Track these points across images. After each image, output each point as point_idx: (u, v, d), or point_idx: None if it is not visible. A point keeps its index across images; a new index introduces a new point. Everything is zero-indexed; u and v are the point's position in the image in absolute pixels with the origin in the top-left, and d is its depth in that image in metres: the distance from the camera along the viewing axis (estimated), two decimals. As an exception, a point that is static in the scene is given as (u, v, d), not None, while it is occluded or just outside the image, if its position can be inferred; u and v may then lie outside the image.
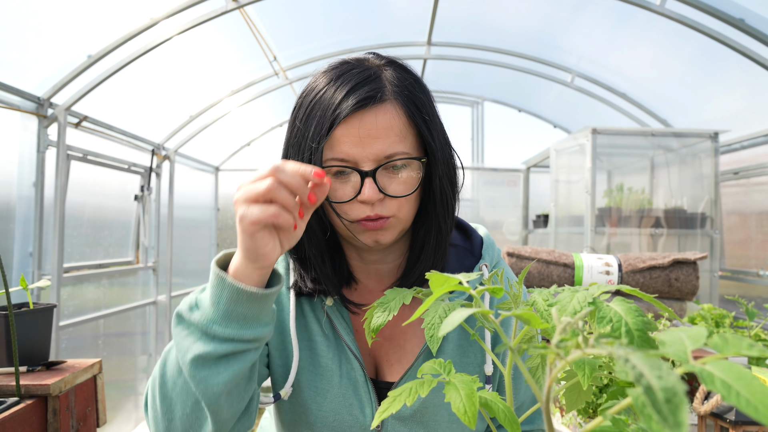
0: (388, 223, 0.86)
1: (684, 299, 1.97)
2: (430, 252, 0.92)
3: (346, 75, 0.86)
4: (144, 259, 3.83)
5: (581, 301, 0.48)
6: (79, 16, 2.56)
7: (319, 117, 0.84)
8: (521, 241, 5.38)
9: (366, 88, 0.84)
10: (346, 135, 0.82)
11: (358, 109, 0.82)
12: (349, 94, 0.83)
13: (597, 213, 3.17)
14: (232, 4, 2.85)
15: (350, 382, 0.92)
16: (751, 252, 3.28)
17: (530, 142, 5.29)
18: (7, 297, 1.11)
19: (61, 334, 2.85)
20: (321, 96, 0.85)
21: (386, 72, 0.88)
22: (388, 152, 0.83)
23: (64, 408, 1.17)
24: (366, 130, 0.82)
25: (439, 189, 0.89)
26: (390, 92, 0.85)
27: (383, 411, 0.55)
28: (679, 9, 2.74)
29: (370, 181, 0.82)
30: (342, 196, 0.84)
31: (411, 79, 0.88)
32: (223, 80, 3.97)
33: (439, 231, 0.92)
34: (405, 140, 0.84)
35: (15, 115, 2.55)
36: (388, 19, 3.86)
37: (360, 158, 0.82)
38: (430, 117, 0.87)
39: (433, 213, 0.90)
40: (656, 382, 0.29)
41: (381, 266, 0.98)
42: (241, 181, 0.75)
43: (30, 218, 2.64)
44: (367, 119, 0.82)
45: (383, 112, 0.83)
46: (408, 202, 0.86)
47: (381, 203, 0.84)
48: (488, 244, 1.01)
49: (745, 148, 3.33)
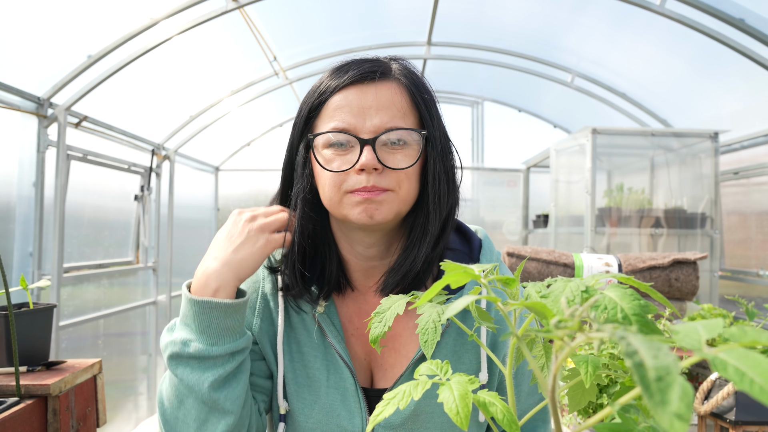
0: (384, 196, 0.83)
1: (684, 299, 1.97)
2: (416, 239, 0.88)
3: (353, 61, 0.89)
4: (144, 259, 3.83)
5: (574, 289, 0.47)
6: (79, 16, 2.56)
7: (320, 90, 0.87)
8: (521, 241, 5.38)
9: (370, 64, 0.86)
10: (346, 105, 0.83)
11: (360, 81, 0.84)
12: (350, 70, 0.86)
13: (597, 213, 3.17)
14: (232, 4, 2.85)
15: (338, 392, 0.90)
16: (751, 252, 3.28)
17: (530, 142, 5.29)
18: (7, 297, 1.11)
19: (61, 334, 2.85)
20: (324, 79, 0.89)
21: (392, 63, 0.91)
22: (388, 125, 0.83)
23: (64, 408, 1.17)
24: (368, 102, 0.83)
25: (433, 172, 0.88)
26: (394, 73, 0.87)
27: (377, 415, 0.54)
28: (679, 9, 2.74)
29: (369, 149, 0.82)
30: (340, 166, 0.84)
31: (416, 72, 0.91)
32: (223, 80, 3.97)
33: (427, 216, 0.88)
34: (406, 118, 0.85)
35: (15, 115, 2.55)
36: (389, 19, 3.86)
37: (360, 128, 0.83)
38: (430, 104, 0.89)
39: (426, 197, 0.88)
40: (650, 361, 0.28)
41: (377, 263, 0.95)
42: (241, 180, 0.77)
43: (30, 218, 2.64)
44: (368, 91, 0.84)
45: (386, 88, 0.85)
46: (408, 178, 0.85)
47: (379, 175, 0.83)
48: (487, 248, 0.98)
49: (745, 148, 3.33)
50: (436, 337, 0.60)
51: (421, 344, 0.61)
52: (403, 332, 0.95)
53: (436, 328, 0.60)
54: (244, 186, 5.41)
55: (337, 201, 0.85)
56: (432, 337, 0.60)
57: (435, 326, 0.60)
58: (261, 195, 5.40)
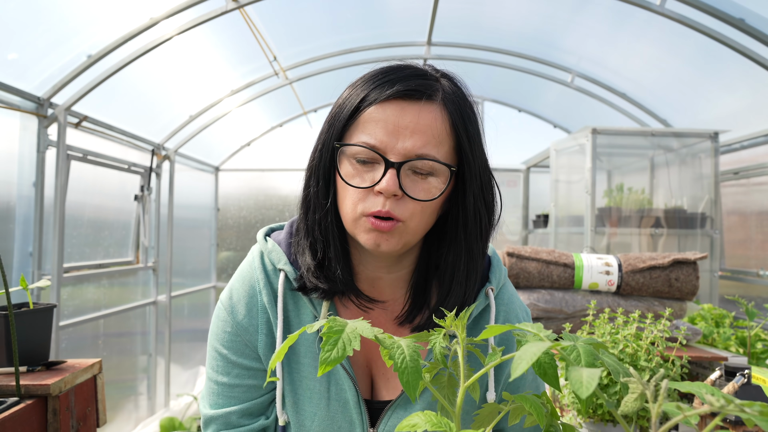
0: (396, 228, 0.80)
1: (684, 299, 1.97)
2: (461, 280, 0.85)
3: (402, 69, 0.83)
4: (144, 259, 3.83)
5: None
6: (79, 16, 2.56)
7: (361, 93, 0.81)
8: (521, 241, 5.37)
9: (418, 82, 0.80)
10: (383, 119, 0.79)
11: (404, 97, 0.79)
12: (398, 81, 0.80)
13: (597, 213, 3.17)
14: (232, 4, 2.85)
15: (340, 404, 0.88)
16: (751, 252, 3.28)
17: (530, 142, 5.29)
18: (7, 297, 1.11)
19: (61, 334, 2.85)
20: (370, 79, 0.82)
21: (443, 81, 0.85)
22: (420, 152, 0.79)
23: (64, 408, 1.17)
24: (405, 122, 0.78)
25: (473, 208, 0.84)
26: (441, 96, 0.81)
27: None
28: (678, 9, 2.74)
29: (392, 173, 0.78)
30: (360, 183, 0.80)
31: (463, 94, 0.86)
32: (223, 80, 3.97)
33: (470, 255, 0.85)
34: (440, 146, 0.80)
35: (15, 115, 2.55)
36: (388, 19, 3.86)
37: (390, 148, 0.78)
38: (473, 135, 0.84)
39: (464, 235, 0.84)
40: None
41: (385, 275, 0.92)
42: (241, 180, 0.74)
43: (30, 218, 2.64)
44: (409, 110, 0.79)
45: (428, 111, 0.80)
46: (422, 212, 0.81)
47: (396, 202, 0.79)
48: (495, 266, 0.96)
49: (745, 148, 3.33)
50: (418, 377, 0.55)
51: (402, 384, 0.56)
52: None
53: (416, 369, 0.55)
54: (244, 186, 5.41)
55: (352, 220, 0.83)
56: (413, 377, 0.55)
57: (414, 366, 0.55)
58: (261, 195, 5.40)
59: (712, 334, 2.01)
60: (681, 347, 1.54)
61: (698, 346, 1.93)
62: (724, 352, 1.84)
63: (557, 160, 3.82)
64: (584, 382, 0.43)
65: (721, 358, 1.72)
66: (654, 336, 1.46)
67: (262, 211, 5.40)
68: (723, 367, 1.29)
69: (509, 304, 0.96)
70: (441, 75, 0.86)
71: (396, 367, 0.55)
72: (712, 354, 1.75)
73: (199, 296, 5.04)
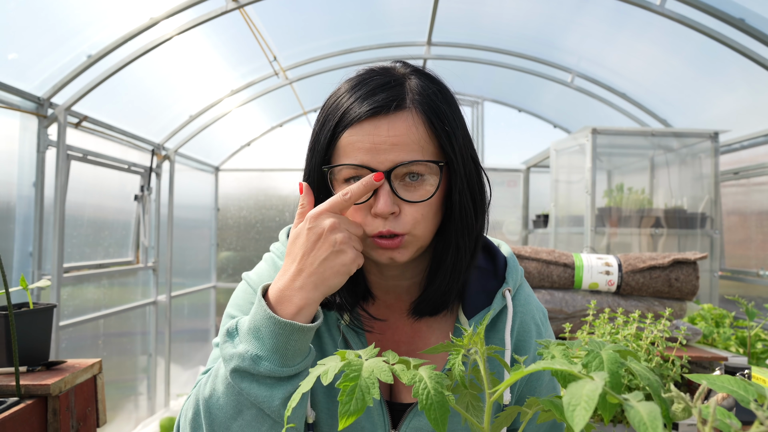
0: (404, 241, 0.81)
1: (684, 299, 1.97)
2: (446, 271, 0.87)
3: (368, 81, 0.83)
4: (144, 259, 3.83)
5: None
6: (78, 16, 2.56)
7: (333, 121, 0.82)
8: (521, 241, 5.37)
9: (384, 95, 0.80)
10: (359, 141, 0.79)
11: (373, 116, 0.79)
12: (364, 99, 0.80)
13: (597, 213, 3.17)
14: (232, 4, 2.85)
15: None
16: (751, 252, 3.28)
17: (530, 142, 5.29)
18: (7, 297, 1.11)
19: (61, 334, 2.85)
20: (339, 101, 0.83)
21: (410, 80, 0.84)
22: (402, 160, 0.78)
23: (64, 408, 1.17)
24: (381, 138, 0.78)
25: (458, 204, 0.84)
26: (410, 101, 0.81)
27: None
28: (678, 9, 2.74)
29: (385, 189, 0.78)
30: (355, 209, 0.81)
31: (435, 89, 0.85)
32: (223, 80, 3.97)
33: (457, 249, 0.86)
34: (424, 150, 0.80)
35: (15, 115, 2.55)
36: (388, 19, 3.86)
37: (375, 165, 0.78)
38: (452, 129, 0.83)
39: (452, 230, 0.85)
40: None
41: (400, 282, 0.93)
42: (241, 180, 0.74)
43: (30, 218, 2.64)
44: (381, 126, 0.79)
45: (401, 121, 0.79)
46: (424, 218, 0.81)
47: (395, 219, 0.80)
48: (512, 266, 0.97)
49: (745, 148, 3.33)
50: (446, 412, 0.53)
51: (429, 422, 0.54)
52: (430, 335, 0.93)
53: (442, 404, 0.52)
54: (244, 186, 5.41)
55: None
56: (441, 413, 0.52)
57: (440, 400, 0.52)
58: (261, 195, 5.40)
59: (712, 334, 2.01)
60: (681, 347, 1.54)
61: (698, 346, 1.93)
62: (724, 352, 1.84)
63: (557, 160, 3.83)
64: (649, 425, 0.41)
65: (721, 358, 1.72)
66: (654, 336, 1.46)
67: (262, 211, 5.40)
68: (723, 367, 1.29)
69: (526, 305, 0.96)
70: (410, 72, 0.86)
71: (421, 405, 0.53)
72: (712, 354, 1.75)
73: (199, 296, 5.04)
